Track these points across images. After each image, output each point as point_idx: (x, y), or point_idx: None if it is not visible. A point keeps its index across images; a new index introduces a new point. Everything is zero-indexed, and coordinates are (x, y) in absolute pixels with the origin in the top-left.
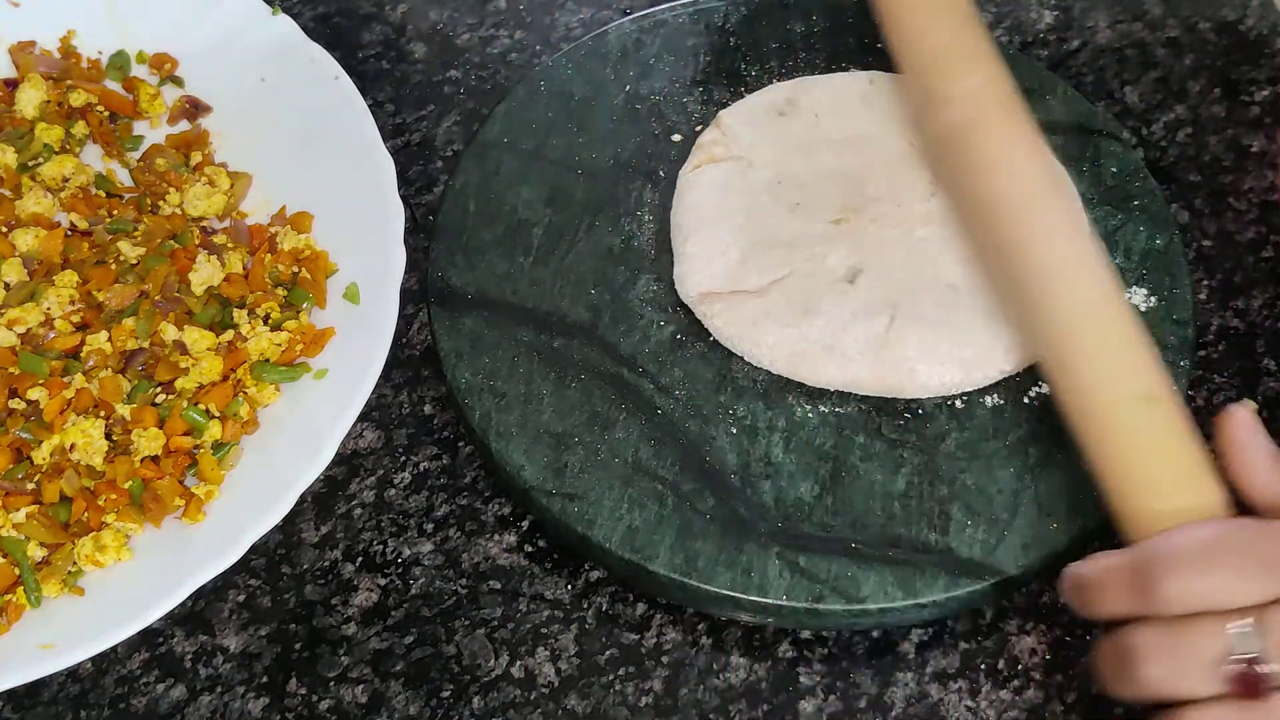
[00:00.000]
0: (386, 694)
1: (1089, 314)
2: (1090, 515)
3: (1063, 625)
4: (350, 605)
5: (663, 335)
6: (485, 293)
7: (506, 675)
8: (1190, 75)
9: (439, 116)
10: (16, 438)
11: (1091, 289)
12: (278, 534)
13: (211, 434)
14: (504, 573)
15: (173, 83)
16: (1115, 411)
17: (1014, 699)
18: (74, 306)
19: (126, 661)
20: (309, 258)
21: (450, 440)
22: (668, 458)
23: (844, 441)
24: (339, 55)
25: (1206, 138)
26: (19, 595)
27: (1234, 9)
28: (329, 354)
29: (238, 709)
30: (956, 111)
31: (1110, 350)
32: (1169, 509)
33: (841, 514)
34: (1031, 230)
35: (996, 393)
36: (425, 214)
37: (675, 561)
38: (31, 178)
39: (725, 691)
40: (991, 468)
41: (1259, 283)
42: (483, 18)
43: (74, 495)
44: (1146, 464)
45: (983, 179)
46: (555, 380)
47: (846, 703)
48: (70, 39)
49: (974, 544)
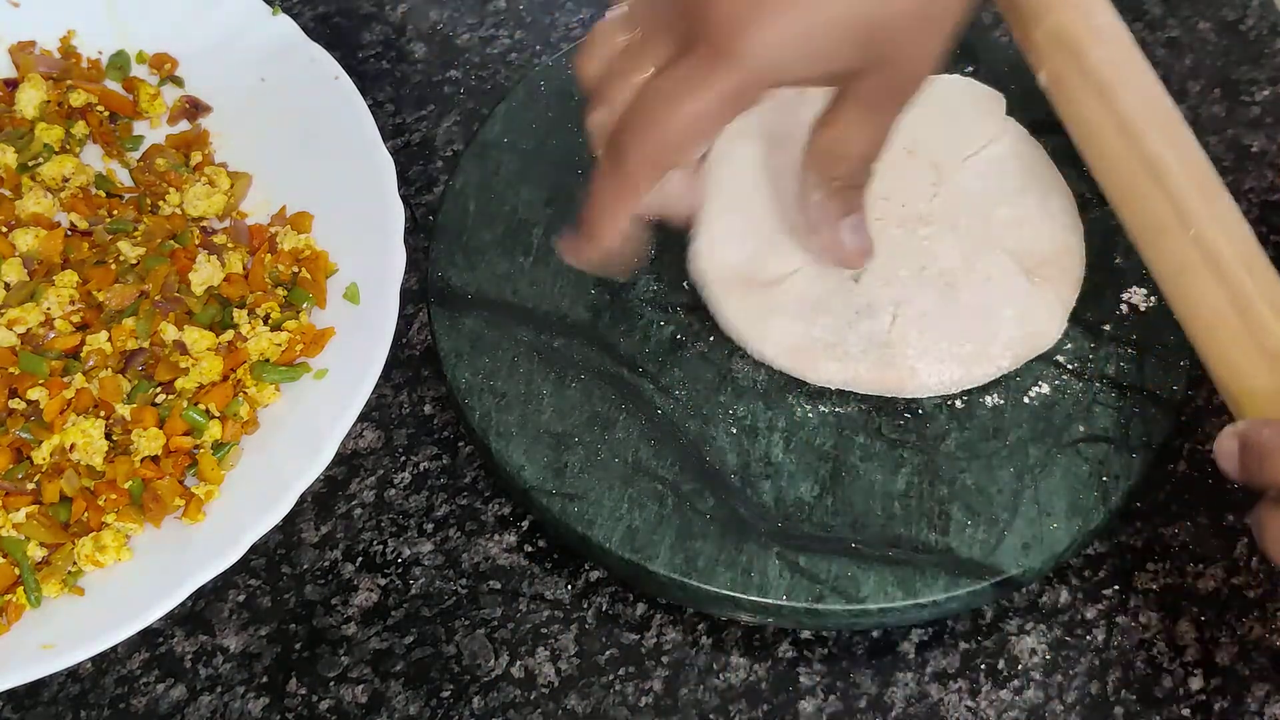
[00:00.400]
0: (386, 694)
1: (1199, 200)
2: (1090, 515)
3: (1063, 625)
4: (350, 605)
5: (663, 335)
6: (485, 293)
7: (506, 675)
8: (1190, 75)
9: (439, 116)
10: (16, 438)
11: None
12: (278, 534)
13: (211, 434)
14: (504, 573)
15: (173, 83)
16: (1228, 317)
17: (1014, 699)
18: (74, 306)
19: (126, 661)
20: (309, 258)
21: (450, 440)
22: (668, 458)
23: (844, 441)
24: (339, 55)
25: (1206, 138)
26: (19, 595)
27: (1234, 9)
28: (329, 354)
29: (238, 709)
30: (1064, 16)
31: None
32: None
33: (841, 514)
34: (1149, 123)
35: (996, 393)
36: (425, 214)
37: (675, 561)
38: (31, 178)
39: (725, 691)
40: (991, 468)
41: None
42: (483, 18)
43: (74, 495)
44: (1262, 366)
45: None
46: (555, 380)
47: (846, 703)
48: (70, 39)
49: (974, 544)
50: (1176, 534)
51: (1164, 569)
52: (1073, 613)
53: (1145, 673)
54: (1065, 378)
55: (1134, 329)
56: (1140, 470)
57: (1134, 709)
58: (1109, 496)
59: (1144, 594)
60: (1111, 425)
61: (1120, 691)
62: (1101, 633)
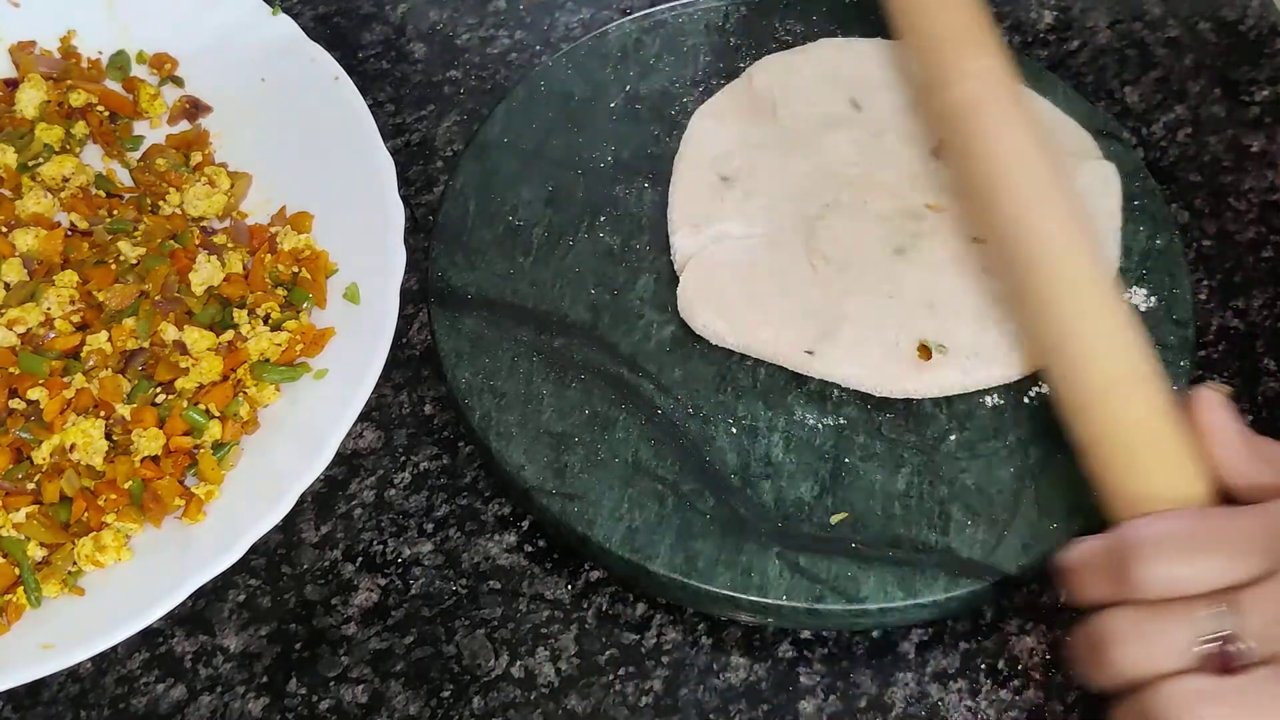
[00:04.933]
0: (386, 694)
1: (1079, 295)
2: (1090, 515)
3: (1063, 625)
4: (350, 605)
5: (663, 335)
6: (485, 293)
7: (506, 675)
8: (1190, 75)
9: (439, 116)
10: (16, 438)
11: (1083, 272)
12: (278, 534)
13: (211, 434)
14: (504, 573)
15: (173, 83)
16: (1102, 391)
17: (1014, 699)
18: (74, 306)
19: (126, 661)
20: (309, 258)
21: (450, 440)
22: (668, 458)
23: (844, 441)
24: (339, 55)
25: (1206, 138)
26: (19, 595)
27: (1234, 9)
28: (329, 354)
29: (238, 709)
30: (967, 88)
31: (1098, 332)
32: (1151, 492)
33: (841, 514)
34: (1029, 209)
35: (996, 393)
36: (425, 214)
37: (675, 561)
38: (31, 178)
39: (725, 691)
40: (991, 468)
41: (1259, 283)
42: (483, 18)
43: (74, 495)
44: (1130, 446)
45: (988, 153)
46: (555, 380)
47: (846, 703)
48: (70, 39)
49: (974, 544)
50: None
51: None
52: (1073, 613)
53: None
54: None
55: None
56: None
57: None
58: None
59: None
60: None
61: None
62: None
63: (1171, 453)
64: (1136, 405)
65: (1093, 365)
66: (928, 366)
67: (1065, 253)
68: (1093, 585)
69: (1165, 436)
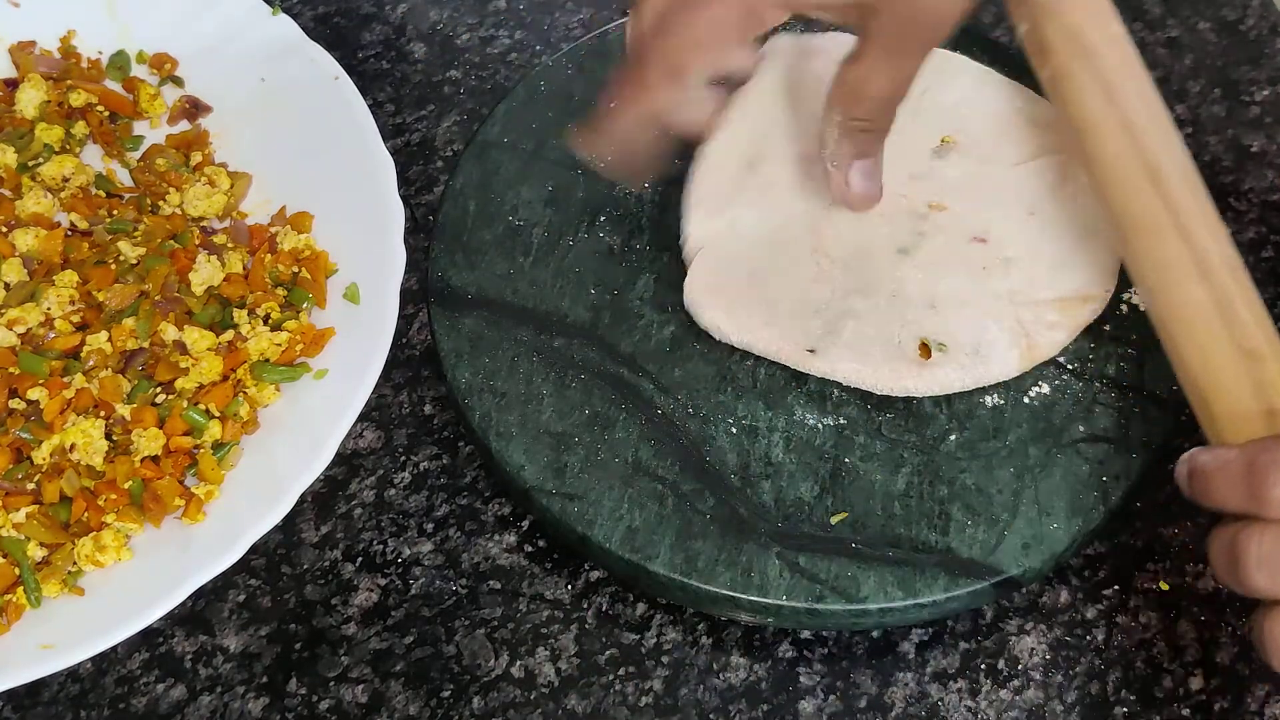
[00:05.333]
0: (386, 694)
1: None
2: (1090, 515)
3: (1063, 625)
4: (350, 605)
5: (663, 335)
6: (485, 293)
7: (506, 675)
8: (1190, 75)
9: (439, 116)
10: (16, 438)
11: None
12: (278, 534)
13: (211, 434)
14: (504, 573)
15: (173, 83)
16: (1209, 314)
17: (1014, 699)
18: (74, 306)
19: (126, 661)
20: (309, 258)
21: (450, 440)
22: (668, 458)
23: (844, 441)
24: (339, 55)
25: (1206, 138)
26: (19, 595)
27: (1234, 9)
28: (329, 354)
29: (238, 709)
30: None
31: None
32: (1260, 409)
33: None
34: (1149, 127)
35: (996, 392)
36: (425, 214)
37: (675, 561)
38: (31, 178)
39: (725, 691)
40: (991, 468)
41: (1259, 283)
42: (483, 18)
43: (74, 495)
44: (1238, 364)
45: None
46: (555, 380)
47: (846, 703)
48: (70, 39)
49: (974, 544)
50: (1176, 534)
51: (1164, 569)
52: (1073, 613)
53: (1145, 673)
54: (1065, 378)
55: (1134, 329)
56: (1140, 470)
57: (1134, 709)
58: (1109, 496)
59: (1144, 594)
60: (1111, 425)
61: (1120, 691)
62: (1101, 633)
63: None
64: (1242, 326)
65: (1198, 288)
66: (928, 365)
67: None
68: (1224, 494)
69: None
